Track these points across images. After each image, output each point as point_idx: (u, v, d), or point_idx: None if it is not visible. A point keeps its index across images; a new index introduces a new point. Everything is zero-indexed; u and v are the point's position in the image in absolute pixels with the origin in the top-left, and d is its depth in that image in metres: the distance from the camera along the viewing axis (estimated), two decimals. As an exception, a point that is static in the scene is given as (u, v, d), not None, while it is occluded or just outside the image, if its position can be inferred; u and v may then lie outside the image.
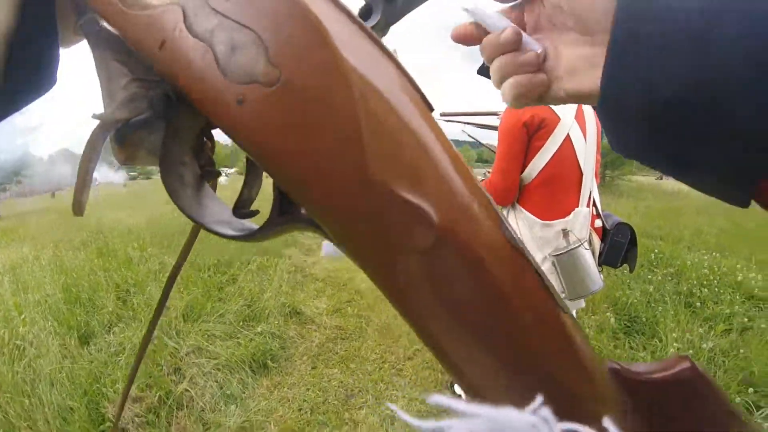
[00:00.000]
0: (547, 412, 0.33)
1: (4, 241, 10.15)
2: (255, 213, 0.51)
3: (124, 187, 44.33)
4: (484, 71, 2.28)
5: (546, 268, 2.55)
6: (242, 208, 0.51)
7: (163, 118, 0.49)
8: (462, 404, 0.34)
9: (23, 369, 3.61)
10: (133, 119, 0.48)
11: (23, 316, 4.33)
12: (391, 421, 3.32)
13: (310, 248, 8.27)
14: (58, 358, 3.75)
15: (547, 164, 2.52)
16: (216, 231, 0.48)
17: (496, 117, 4.46)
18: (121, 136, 0.49)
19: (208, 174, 0.54)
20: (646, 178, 32.36)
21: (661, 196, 18.02)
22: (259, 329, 4.41)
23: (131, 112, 0.47)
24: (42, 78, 0.47)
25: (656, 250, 6.81)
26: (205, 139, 0.54)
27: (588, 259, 2.53)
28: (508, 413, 0.34)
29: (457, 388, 3.57)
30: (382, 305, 5.33)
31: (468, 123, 5.05)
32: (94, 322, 4.46)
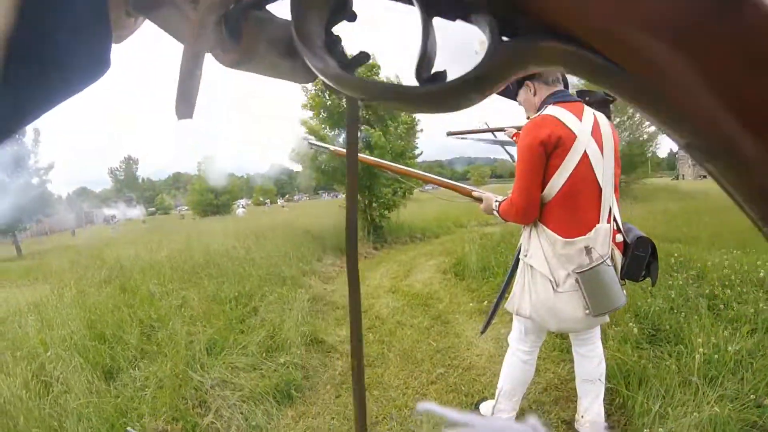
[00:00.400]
0: (537, 423, 0.34)
1: (27, 279, 10.25)
2: (443, 75, 0.36)
3: (143, 223, 44.69)
4: (508, 93, 2.32)
5: (569, 285, 2.58)
6: (424, 70, 0.36)
7: None
8: (455, 413, 0.34)
9: (50, 405, 3.64)
10: None
11: (49, 353, 4.36)
12: (417, 448, 3.31)
13: (330, 276, 8.30)
14: (84, 393, 3.78)
15: (566, 181, 2.54)
16: (371, 83, 0.38)
17: (503, 133, 4.50)
18: (234, 26, 0.45)
19: (350, 62, 0.44)
20: (662, 180, 32.00)
21: (677, 197, 17.89)
22: (282, 360, 4.42)
23: None
24: (95, 61, 0.43)
25: (676, 254, 6.71)
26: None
27: (611, 275, 2.55)
28: (501, 424, 0.36)
29: (483, 408, 3.57)
30: (402, 331, 5.37)
31: (478, 140, 5.05)
32: (120, 358, 4.49)
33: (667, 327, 4.35)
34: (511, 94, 2.92)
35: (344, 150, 0.61)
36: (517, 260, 2.92)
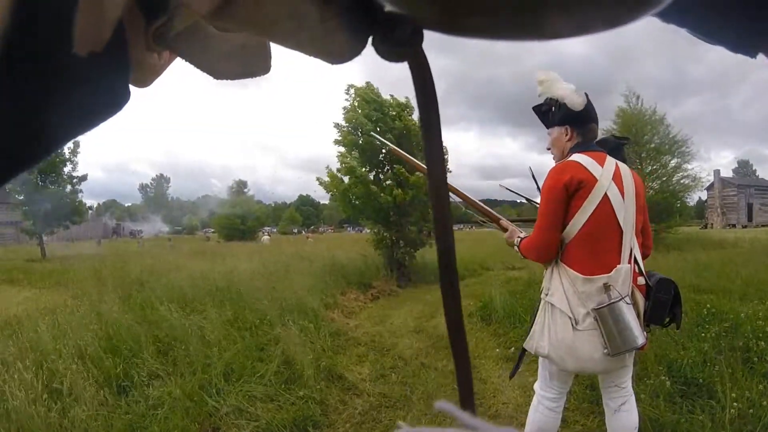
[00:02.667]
0: None
1: (48, 282, 10.29)
2: None
3: (168, 241, 45.22)
4: (545, 119, 2.35)
5: (588, 323, 2.59)
6: None
7: None
8: (465, 416, 0.34)
9: (58, 414, 3.54)
10: None
11: (61, 360, 4.26)
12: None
13: (352, 311, 8.17)
14: (94, 405, 3.69)
15: (586, 221, 2.60)
16: None
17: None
18: None
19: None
20: (691, 228, 31.93)
21: (708, 245, 17.75)
22: (300, 393, 4.29)
23: None
24: (115, 94, 0.41)
25: (708, 305, 6.53)
26: None
27: (629, 313, 2.56)
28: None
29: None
30: (426, 373, 5.20)
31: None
32: (133, 373, 4.39)
33: (700, 381, 4.21)
34: (546, 121, 2.98)
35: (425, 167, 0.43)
36: (540, 301, 2.92)
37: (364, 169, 12.75)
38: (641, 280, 2.72)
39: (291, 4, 0.33)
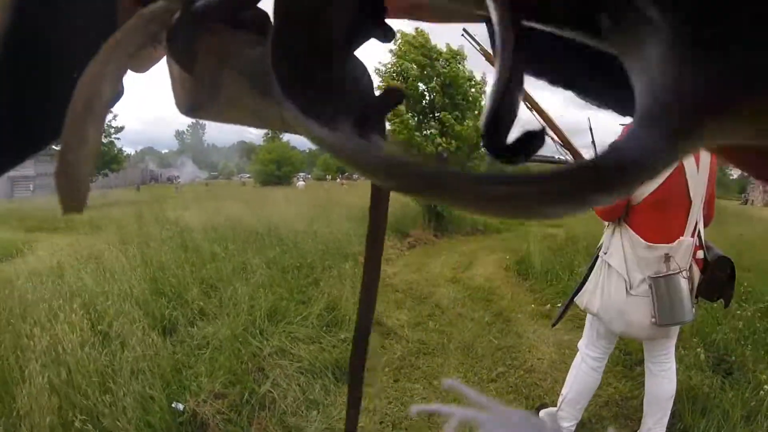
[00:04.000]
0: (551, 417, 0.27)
1: (90, 229, 10.42)
2: (538, 137, 0.22)
3: (206, 186, 45.59)
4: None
5: (642, 290, 2.60)
6: (499, 132, 0.23)
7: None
8: (473, 393, 0.34)
9: (105, 356, 3.61)
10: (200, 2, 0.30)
11: (108, 303, 4.35)
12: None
13: (389, 258, 8.20)
14: (141, 346, 3.74)
15: (657, 188, 2.52)
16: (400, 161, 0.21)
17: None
18: (185, 45, 0.31)
19: (374, 107, 0.31)
20: (731, 203, 31.19)
21: (745, 222, 17.43)
22: (342, 336, 4.35)
23: None
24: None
25: (745, 283, 6.30)
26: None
27: (684, 288, 2.57)
28: (516, 412, 0.34)
29: (543, 414, 3.45)
30: (463, 323, 5.24)
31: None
32: (179, 315, 4.48)
33: (733, 358, 4.16)
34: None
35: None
36: (596, 258, 2.91)
37: (408, 113, 12.58)
38: (700, 254, 2.70)
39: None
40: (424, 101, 12.68)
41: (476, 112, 12.67)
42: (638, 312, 2.61)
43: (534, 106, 3.16)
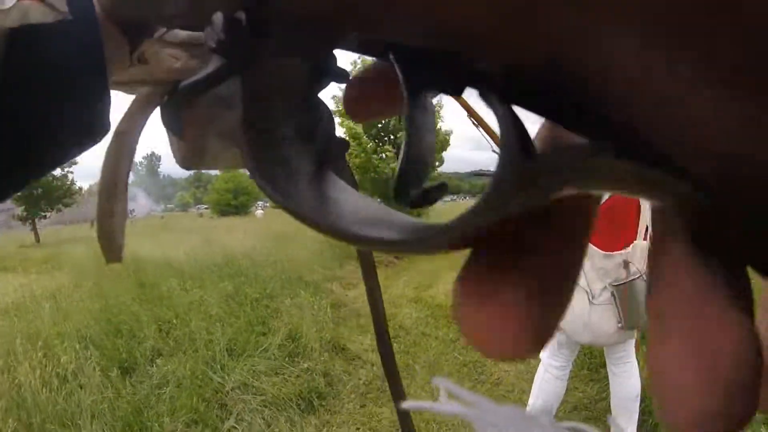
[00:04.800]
0: (548, 415, 0.25)
1: (44, 267, 10.30)
2: (441, 189, 0.22)
3: (161, 219, 45.22)
4: None
5: (605, 298, 2.64)
6: (408, 184, 0.22)
7: (239, 71, 0.29)
8: (465, 392, 0.27)
9: (63, 399, 3.56)
10: (186, 82, 0.32)
11: (65, 344, 4.28)
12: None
13: (351, 282, 8.21)
14: (99, 388, 3.71)
15: (608, 197, 2.47)
16: (365, 237, 0.23)
17: None
18: (175, 118, 0.36)
19: (331, 151, 0.30)
20: None
21: None
22: (304, 365, 4.34)
23: (182, 73, 0.36)
24: (93, 124, 0.40)
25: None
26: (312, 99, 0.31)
27: (645, 290, 2.55)
28: (510, 412, 0.26)
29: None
30: (427, 342, 5.28)
31: None
32: (136, 353, 4.42)
33: None
34: None
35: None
36: None
37: (364, 137, 12.63)
38: None
39: None
40: (379, 124, 12.76)
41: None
42: (603, 320, 2.65)
43: (479, 122, 3.20)
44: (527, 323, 0.19)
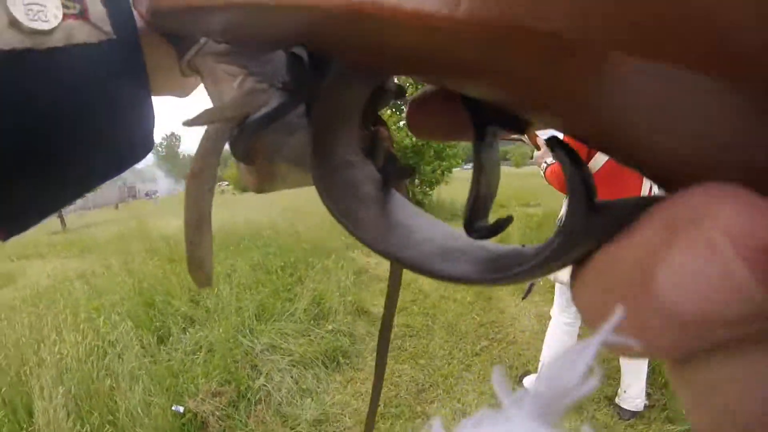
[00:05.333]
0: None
1: (73, 251, 10.35)
2: (507, 222, 0.26)
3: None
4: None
5: None
6: (476, 218, 0.26)
7: (303, 102, 0.32)
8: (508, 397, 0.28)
9: (105, 367, 3.73)
10: (255, 116, 0.35)
11: (102, 318, 4.45)
12: (463, 414, 3.32)
13: (371, 251, 8.29)
14: (137, 356, 3.86)
15: (607, 160, 2.58)
16: (446, 274, 0.25)
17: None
18: (245, 149, 0.38)
19: (393, 173, 0.32)
20: None
21: None
22: (329, 327, 4.48)
23: (248, 106, 0.36)
24: (135, 144, 0.43)
25: None
26: (372, 120, 0.37)
27: None
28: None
29: (526, 382, 3.57)
30: (446, 304, 5.41)
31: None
32: (170, 323, 4.57)
33: None
34: None
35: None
36: None
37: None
38: None
39: None
40: (399, 93, 12.63)
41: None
42: None
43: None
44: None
